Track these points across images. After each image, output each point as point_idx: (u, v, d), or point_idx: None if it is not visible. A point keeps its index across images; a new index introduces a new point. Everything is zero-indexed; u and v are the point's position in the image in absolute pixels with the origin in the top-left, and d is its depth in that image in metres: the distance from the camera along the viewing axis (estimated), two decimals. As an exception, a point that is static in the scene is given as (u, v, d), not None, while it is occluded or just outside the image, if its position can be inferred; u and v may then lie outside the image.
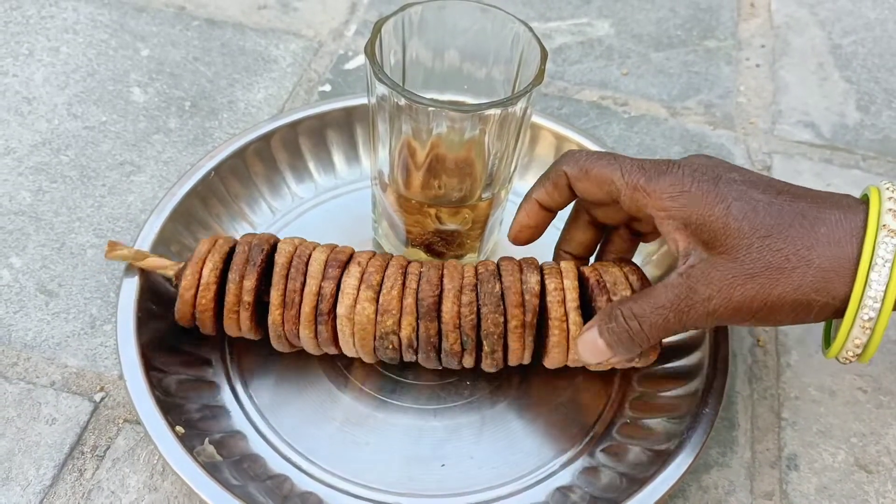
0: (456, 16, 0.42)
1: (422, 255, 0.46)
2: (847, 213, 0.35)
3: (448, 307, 0.39)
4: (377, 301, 0.39)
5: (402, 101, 0.38)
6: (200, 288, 0.40)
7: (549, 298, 0.39)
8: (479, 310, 0.39)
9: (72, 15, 0.62)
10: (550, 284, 0.39)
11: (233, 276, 0.40)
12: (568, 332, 0.39)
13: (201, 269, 0.40)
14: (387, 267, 0.40)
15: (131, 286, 0.42)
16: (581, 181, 0.39)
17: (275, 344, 0.41)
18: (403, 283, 0.39)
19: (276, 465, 0.40)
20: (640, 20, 0.66)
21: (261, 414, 0.42)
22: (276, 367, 0.43)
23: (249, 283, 0.40)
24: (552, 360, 0.40)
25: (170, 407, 0.39)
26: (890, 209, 0.34)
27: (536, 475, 0.41)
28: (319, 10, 0.65)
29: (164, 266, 0.42)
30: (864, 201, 0.36)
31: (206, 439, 0.39)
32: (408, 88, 0.43)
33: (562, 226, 0.44)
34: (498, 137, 0.40)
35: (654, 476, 0.38)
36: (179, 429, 0.38)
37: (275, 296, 0.39)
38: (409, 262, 0.40)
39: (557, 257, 0.44)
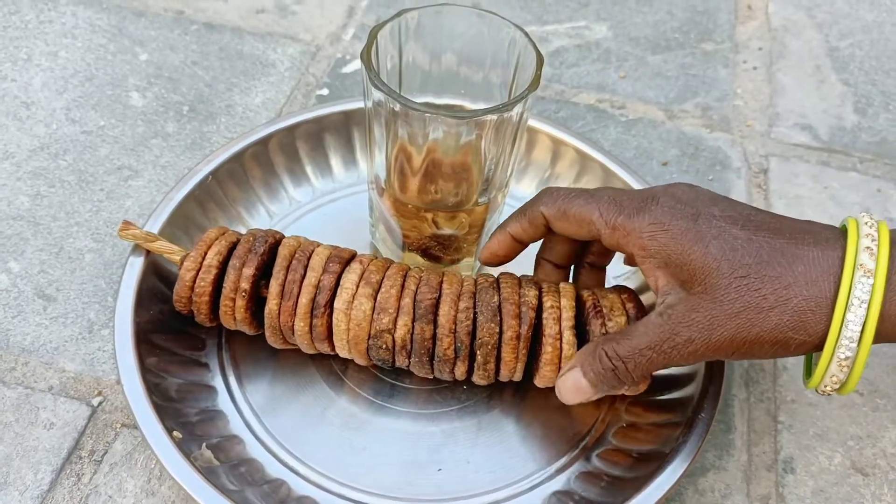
0: (452, 20, 0.42)
1: (419, 260, 0.46)
2: (825, 250, 0.35)
3: (445, 311, 0.39)
4: (375, 299, 0.39)
5: (398, 107, 0.38)
6: (201, 271, 0.41)
7: (544, 315, 0.39)
8: (475, 318, 0.39)
9: (70, 19, 0.62)
10: (547, 302, 0.39)
11: (234, 262, 0.40)
12: (561, 351, 0.39)
13: (205, 253, 0.41)
14: (388, 268, 0.40)
15: (129, 291, 0.42)
16: (559, 221, 0.40)
17: (269, 336, 0.41)
18: (403, 285, 0.40)
19: (273, 469, 0.40)
20: (638, 23, 0.66)
21: (258, 418, 0.42)
22: (273, 371, 0.44)
23: (249, 270, 0.40)
24: (543, 379, 0.40)
25: (167, 411, 0.39)
26: (867, 247, 0.34)
27: (533, 480, 0.41)
28: (317, 14, 0.65)
29: (172, 251, 0.43)
30: (843, 234, 0.36)
31: (204, 444, 0.39)
32: (405, 93, 0.43)
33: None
34: (494, 142, 0.40)
35: (650, 480, 0.38)
36: (177, 433, 0.39)
37: (274, 286, 0.40)
38: (411, 268, 0.41)
39: (538, 265, 0.44)
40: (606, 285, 0.44)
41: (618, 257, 0.44)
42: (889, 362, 0.47)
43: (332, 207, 0.51)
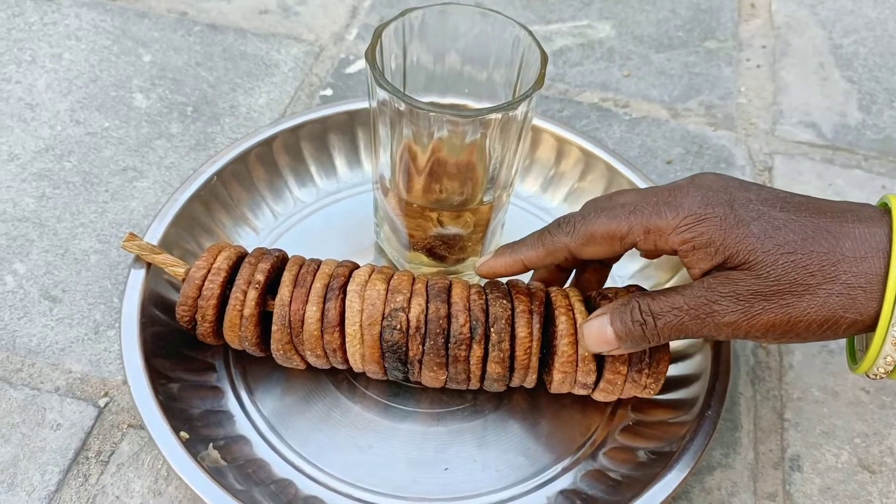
0: (456, 20, 0.42)
1: (424, 259, 0.46)
2: (871, 227, 0.34)
3: (458, 292, 0.39)
4: (388, 283, 0.40)
5: (403, 107, 0.38)
6: (212, 272, 0.40)
7: (556, 314, 0.39)
8: (487, 301, 0.39)
9: (74, 21, 0.62)
10: (557, 301, 0.40)
11: (249, 259, 0.41)
12: (577, 347, 0.39)
13: (216, 256, 0.41)
14: (395, 272, 0.41)
15: (135, 292, 0.42)
16: (587, 247, 0.38)
17: (275, 333, 0.40)
18: (414, 278, 0.40)
19: (281, 469, 0.40)
20: (641, 22, 0.66)
21: (265, 419, 0.42)
22: (280, 372, 0.44)
23: (265, 265, 0.40)
24: (558, 377, 0.39)
25: (174, 412, 0.39)
26: None
27: (539, 478, 0.41)
28: (321, 14, 0.65)
29: (176, 263, 0.42)
30: (885, 211, 0.35)
31: (211, 444, 0.40)
32: (409, 92, 0.43)
33: None
34: (499, 141, 0.40)
35: (657, 479, 0.38)
36: (184, 434, 0.39)
37: (287, 277, 0.40)
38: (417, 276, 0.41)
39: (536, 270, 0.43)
40: (615, 285, 0.45)
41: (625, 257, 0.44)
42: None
43: (336, 207, 0.51)
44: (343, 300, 0.39)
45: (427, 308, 0.39)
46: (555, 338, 0.39)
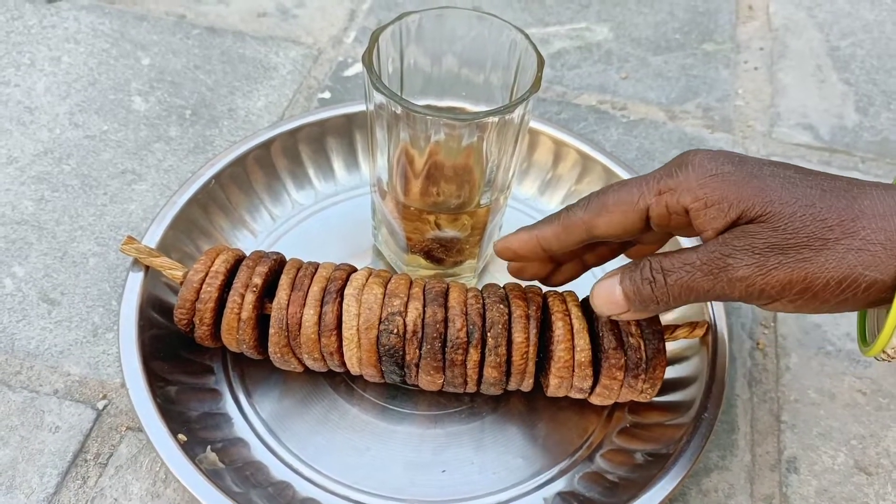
0: (453, 23, 0.43)
1: (421, 262, 0.46)
2: (888, 190, 0.33)
3: (455, 296, 0.39)
4: (385, 287, 0.40)
5: (400, 110, 0.38)
6: (209, 276, 0.40)
7: (553, 318, 0.39)
8: (484, 305, 0.39)
9: (73, 24, 0.62)
10: (554, 306, 0.40)
11: (247, 262, 0.41)
12: (574, 349, 0.39)
13: (214, 259, 0.41)
14: (393, 275, 0.41)
15: (133, 294, 0.43)
16: (601, 217, 0.37)
17: (272, 337, 0.40)
18: (410, 281, 0.40)
19: (278, 471, 0.40)
20: (639, 24, 0.67)
21: (262, 421, 0.42)
22: (278, 374, 0.44)
23: (262, 268, 0.40)
24: (554, 381, 0.39)
25: (172, 414, 0.40)
26: None
27: (537, 480, 0.41)
28: (319, 17, 0.65)
29: (174, 266, 0.42)
30: None
31: (209, 447, 0.40)
32: (406, 95, 0.43)
33: None
34: (496, 144, 0.41)
35: (654, 481, 0.38)
36: (181, 436, 0.39)
37: (284, 280, 0.40)
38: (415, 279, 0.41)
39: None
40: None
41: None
42: (893, 362, 0.47)
43: (334, 210, 0.52)
44: (340, 304, 0.39)
45: (424, 312, 0.39)
46: (551, 342, 0.39)
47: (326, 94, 0.59)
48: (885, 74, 0.64)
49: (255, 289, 0.40)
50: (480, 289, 0.41)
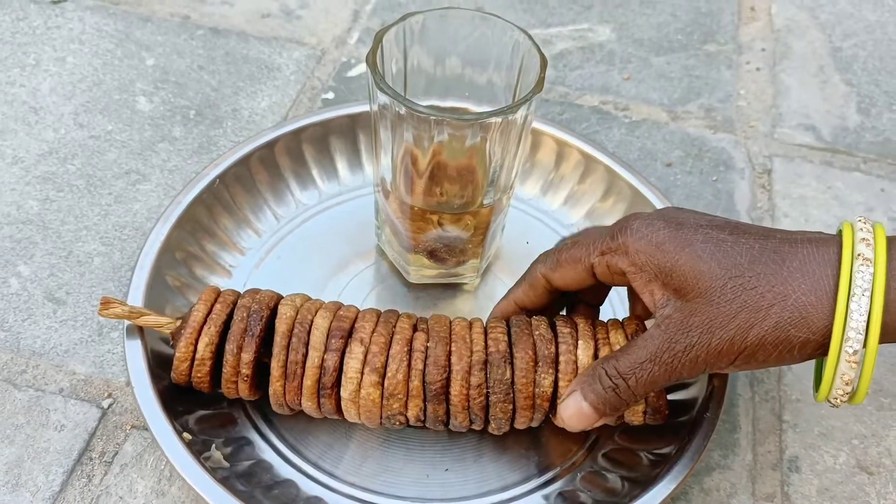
0: (457, 24, 0.43)
1: (424, 262, 0.47)
2: (819, 246, 0.34)
3: (457, 390, 0.37)
4: (382, 385, 0.38)
5: (403, 110, 0.39)
6: (196, 362, 0.39)
7: (561, 359, 0.38)
8: (488, 395, 0.38)
9: (78, 25, 0.62)
10: (563, 346, 0.39)
11: (230, 346, 0.38)
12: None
13: (196, 341, 0.39)
14: (390, 344, 0.38)
15: (138, 293, 0.43)
16: (556, 272, 0.39)
17: (275, 408, 0.40)
18: (409, 364, 0.38)
19: (283, 470, 0.41)
20: (641, 25, 0.67)
21: (267, 420, 0.42)
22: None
23: (248, 356, 0.38)
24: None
25: (177, 413, 0.40)
26: (863, 238, 0.33)
27: (539, 480, 0.41)
28: (322, 18, 0.66)
29: (161, 324, 0.40)
30: (837, 235, 0.35)
31: (213, 445, 0.40)
32: (409, 96, 0.43)
33: None
34: (499, 144, 0.41)
35: (655, 480, 0.38)
36: (186, 435, 0.39)
37: (275, 367, 0.38)
38: (415, 330, 0.39)
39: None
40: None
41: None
42: (894, 361, 0.47)
43: (338, 210, 0.52)
44: (338, 398, 0.38)
45: (425, 408, 0.38)
46: (557, 384, 0.38)
47: (330, 95, 0.60)
48: (887, 75, 0.64)
49: (245, 378, 0.39)
50: (487, 352, 0.38)
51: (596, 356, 0.38)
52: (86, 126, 0.56)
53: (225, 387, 0.40)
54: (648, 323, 0.39)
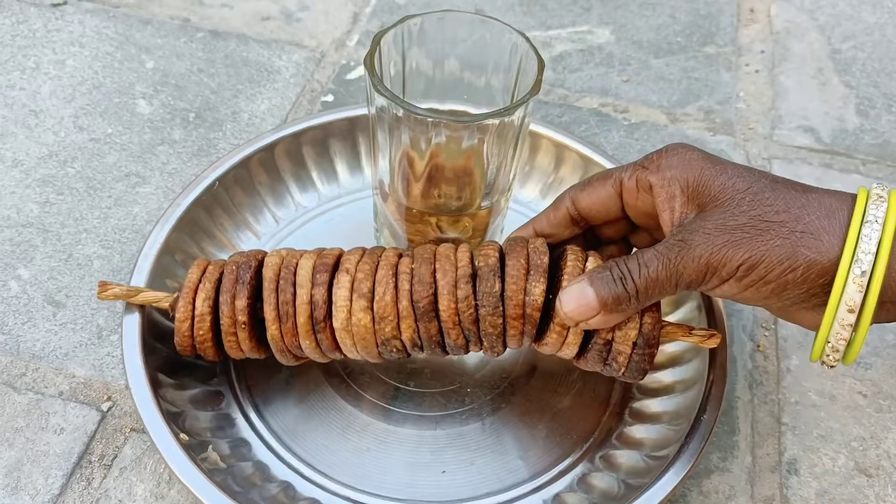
0: (455, 26, 0.43)
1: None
2: (836, 195, 0.35)
3: (444, 305, 0.37)
4: (372, 310, 0.38)
5: (401, 112, 0.39)
6: (196, 319, 0.39)
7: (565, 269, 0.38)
8: (477, 308, 0.37)
9: (78, 28, 0.63)
10: (569, 255, 0.38)
11: (224, 297, 0.39)
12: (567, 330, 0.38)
13: (194, 300, 0.40)
14: (377, 269, 0.38)
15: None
16: (583, 193, 0.40)
17: (279, 358, 0.41)
18: (396, 286, 0.38)
19: (279, 471, 0.41)
20: (640, 27, 0.67)
21: (264, 422, 0.42)
22: (279, 376, 0.44)
23: (241, 302, 0.39)
24: (550, 344, 0.39)
25: (175, 416, 0.40)
26: (878, 194, 0.35)
27: (536, 482, 0.41)
28: (322, 20, 0.66)
29: (158, 299, 0.41)
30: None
31: (210, 447, 0.40)
32: (408, 98, 0.43)
33: None
34: (497, 146, 0.41)
35: (652, 483, 0.38)
36: (184, 437, 0.39)
37: (268, 311, 0.39)
38: (400, 257, 0.39)
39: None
40: None
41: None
42: (894, 363, 0.47)
43: (337, 212, 0.52)
44: (332, 331, 0.39)
45: (417, 327, 0.38)
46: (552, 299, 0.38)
47: (329, 98, 0.60)
48: (886, 77, 0.64)
49: (244, 326, 0.39)
50: (473, 265, 0.38)
51: None
52: (85, 129, 0.56)
53: (227, 343, 0.40)
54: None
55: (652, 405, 0.43)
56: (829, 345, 0.35)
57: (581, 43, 0.65)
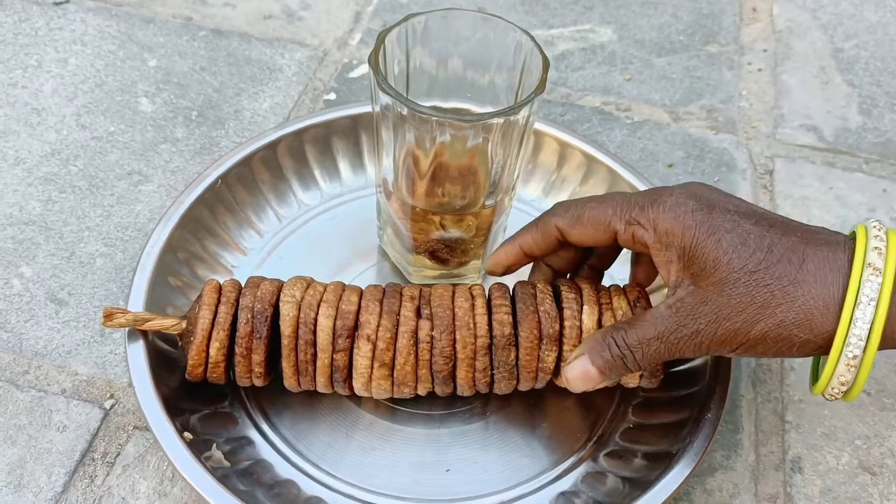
0: (459, 25, 0.43)
1: (426, 262, 0.47)
2: (835, 251, 0.35)
3: (463, 374, 0.39)
4: (392, 376, 0.39)
5: (406, 111, 0.39)
6: (210, 366, 0.39)
7: (566, 325, 0.39)
8: (492, 375, 0.40)
9: (80, 26, 0.63)
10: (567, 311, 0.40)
11: (240, 350, 0.39)
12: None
13: (207, 347, 0.39)
14: (396, 337, 0.39)
15: (140, 294, 0.43)
16: (574, 228, 0.40)
17: (290, 389, 0.41)
18: (416, 356, 0.39)
19: (283, 470, 0.41)
20: (643, 26, 0.67)
21: (268, 420, 0.42)
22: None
23: (258, 356, 0.39)
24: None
25: (178, 413, 0.40)
26: (875, 247, 0.35)
27: (540, 480, 0.41)
28: (324, 19, 0.66)
29: (166, 327, 0.41)
30: (851, 238, 0.36)
31: (214, 445, 0.40)
32: (412, 97, 0.43)
33: None
34: (501, 145, 0.41)
35: (656, 481, 0.38)
36: (188, 435, 0.39)
37: (287, 367, 0.39)
38: (419, 322, 0.39)
39: (537, 268, 0.44)
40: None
41: (621, 262, 0.44)
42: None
43: (340, 211, 0.52)
44: (351, 386, 0.40)
45: (433, 389, 0.40)
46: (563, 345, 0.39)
47: (332, 96, 0.60)
48: (888, 76, 0.64)
49: (258, 375, 0.40)
50: (491, 335, 0.39)
51: (600, 322, 0.39)
52: (88, 127, 0.56)
53: (239, 381, 0.40)
54: (654, 298, 0.41)
55: (655, 403, 0.43)
56: (826, 394, 0.37)
57: (583, 42, 0.65)
